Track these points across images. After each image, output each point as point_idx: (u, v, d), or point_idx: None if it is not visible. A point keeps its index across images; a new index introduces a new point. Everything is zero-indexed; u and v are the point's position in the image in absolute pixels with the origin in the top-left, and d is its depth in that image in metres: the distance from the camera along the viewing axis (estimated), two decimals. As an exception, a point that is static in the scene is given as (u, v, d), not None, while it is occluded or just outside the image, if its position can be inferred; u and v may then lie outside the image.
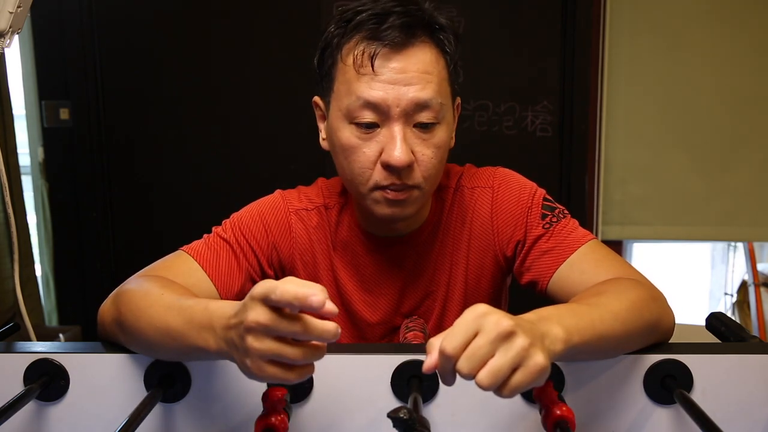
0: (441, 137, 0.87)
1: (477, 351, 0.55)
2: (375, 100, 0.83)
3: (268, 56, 2.41)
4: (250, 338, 0.57)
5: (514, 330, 0.56)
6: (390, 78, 0.82)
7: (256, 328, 0.56)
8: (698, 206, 2.43)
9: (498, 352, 0.55)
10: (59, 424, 0.77)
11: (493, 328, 0.56)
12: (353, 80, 0.84)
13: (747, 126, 2.37)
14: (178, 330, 0.67)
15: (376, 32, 0.83)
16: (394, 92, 0.82)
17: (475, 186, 0.99)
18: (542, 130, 2.41)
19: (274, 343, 0.57)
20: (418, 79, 0.83)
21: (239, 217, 0.98)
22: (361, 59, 0.83)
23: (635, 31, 2.36)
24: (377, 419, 0.75)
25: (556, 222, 0.94)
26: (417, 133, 0.85)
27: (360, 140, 0.86)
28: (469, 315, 0.57)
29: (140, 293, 0.76)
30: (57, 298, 2.55)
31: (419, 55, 0.84)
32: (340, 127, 0.87)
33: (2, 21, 0.87)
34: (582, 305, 0.71)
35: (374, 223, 0.97)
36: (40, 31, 2.42)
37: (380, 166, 0.85)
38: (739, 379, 0.75)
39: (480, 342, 0.56)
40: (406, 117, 0.84)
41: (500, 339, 0.56)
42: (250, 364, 0.58)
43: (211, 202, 2.44)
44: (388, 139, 0.84)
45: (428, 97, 0.83)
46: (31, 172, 2.49)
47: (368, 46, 0.83)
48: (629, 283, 0.80)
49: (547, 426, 0.64)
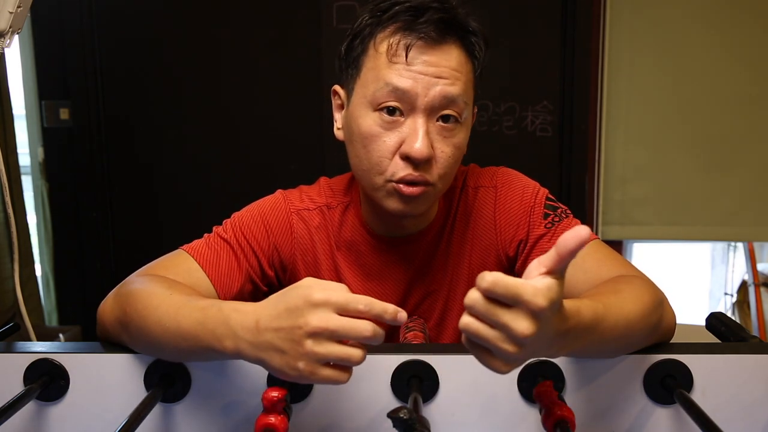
0: (461, 138, 0.88)
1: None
2: (404, 87, 0.83)
3: (269, 55, 2.41)
4: (309, 342, 0.59)
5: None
6: (421, 69, 0.83)
7: (323, 333, 0.58)
8: (698, 206, 2.43)
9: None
10: (59, 424, 0.77)
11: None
12: (383, 67, 0.85)
13: (747, 126, 2.37)
14: (189, 331, 0.67)
15: (413, 24, 0.83)
16: (424, 83, 0.83)
17: (478, 186, 1.00)
18: (542, 130, 2.41)
19: (338, 346, 0.59)
20: (449, 75, 0.84)
21: (240, 217, 0.98)
22: (396, 48, 0.84)
23: (635, 31, 2.36)
24: (377, 419, 0.75)
25: (559, 221, 0.94)
26: (439, 129, 0.86)
27: (381, 129, 0.85)
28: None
29: (146, 292, 0.76)
30: (57, 298, 2.55)
31: (452, 52, 0.85)
32: (363, 114, 0.87)
33: (2, 21, 0.87)
34: (593, 301, 0.68)
35: (381, 222, 0.97)
36: (40, 31, 2.42)
37: (398, 158, 0.85)
38: (739, 379, 0.75)
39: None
40: (431, 111, 0.84)
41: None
42: (303, 367, 0.59)
43: (212, 201, 2.44)
44: (411, 130, 0.84)
45: (456, 94, 0.84)
46: (31, 172, 2.49)
47: (404, 36, 0.84)
48: (635, 281, 0.79)
49: (547, 426, 0.64)
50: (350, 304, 0.60)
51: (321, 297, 0.59)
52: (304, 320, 0.59)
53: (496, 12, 2.34)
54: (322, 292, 0.60)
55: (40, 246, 2.50)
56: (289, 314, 0.60)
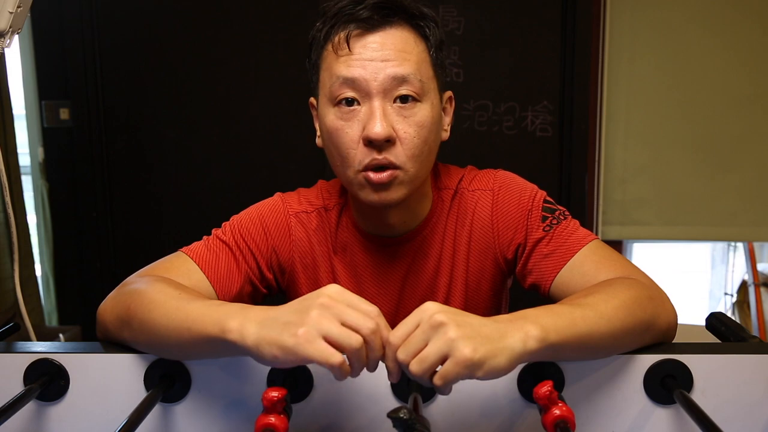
0: (423, 116, 0.87)
1: (412, 339, 0.61)
2: (354, 76, 0.84)
3: (268, 56, 2.41)
4: (315, 312, 0.60)
5: (444, 322, 0.60)
6: (367, 56, 0.84)
7: (331, 308, 0.61)
8: (698, 206, 2.43)
9: (429, 341, 0.60)
10: (59, 424, 0.77)
11: (426, 320, 0.61)
12: (333, 62, 0.86)
13: (747, 126, 2.37)
14: (196, 320, 0.67)
15: (352, 14, 0.85)
16: (372, 67, 0.84)
17: (475, 189, 0.99)
18: (542, 130, 2.41)
19: (339, 325, 0.60)
20: (395, 56, 0.85)
21: (239, 219, 0.98)
22: (338, 41, 0.86)
23: (635, 31, 2.36)
24: (377, 419, 0.75)
25: (557, 224, 0.93)
26: (397, 109, 0.86)
27: (343, 121, 0.86)
28: (416, 311, 0.63)
29: (153, 290, 0.76)
30: (57, 298, 2.55)
31: (396, 34, 0.86)
32: (326, 112, 0.88)
33: (2, 21, 0.87)
34: (565, 305, 0.72)
35: (369, 221, 0.97)
36: (40, 31, 2.42)
37: (362, 145, 0.86)
38: (739, 379, 0.75)
39: (416, 332, 0.61)
40: (385, 93, 0.85)
41: (431, 329, 0.60)
42: (301, 333, 0.59)
43: (212, 202, 2.44)
44: (368, 115, 0.85)
45: (406, 73, 0.84)
46: (31, 172, 2.50)
47: (344, 28, 0.85)
48: (624, 282, 0.80)
49: (546, 426, 0.64)
50: (362, 302, 0.62)
51: (338, 287, 0.63)
52: (315, 298, 0.62)
53: (496, 12, 2.35)
54: (338, 287, 0.63)
55: (40, 246, 2.50)
56: (304, 299, 0.63)
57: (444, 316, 0.61)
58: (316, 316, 0.60)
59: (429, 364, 0.60)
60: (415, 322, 0.62)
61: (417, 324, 0.62)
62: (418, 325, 0.61)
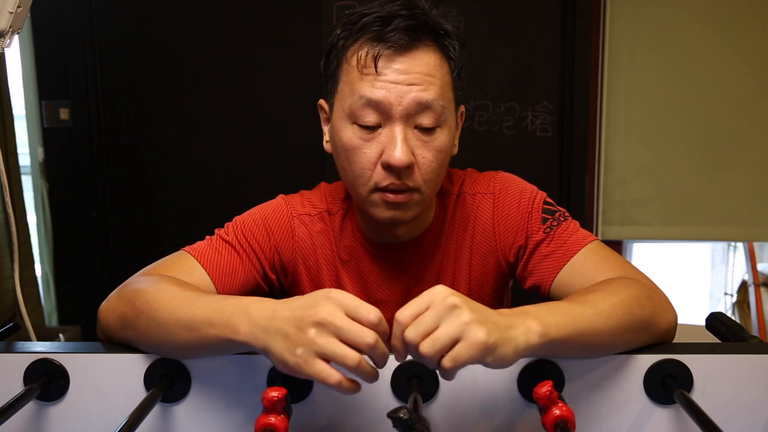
0: (442, 141, 0.87)
1: (422, 320, 0.61)
2: (377, 99, 0.83)
3: (269, 56, 2.41)
4: (313, 331, 0.60)
5: (458, 305, 0.61)
6: (393, 78, 0.83)
7: (328, 325, 0.60)
8: (698, 206, 2.43)
9: (442, 323, 0.60)
10: (59, 424, 0.77)
11: (439, 301, 0.61)
12: (356, 80, 0.85)
13: (747, 126, 2.37)
14: (204, 318, 0.68)
15: (381, 34, 0.83)
16: (397, 92, 0.83)
17: (476, 192, 1.00)
18: (542, 130, 2.41)
19: (337, 343, 0.60)
20: (421, 80, 0.84)
21: (242, 220, 0.98)
22: (365, 60, 0.84)
23: (635, 31, 2.36)
24: (377, 419, 0.75)
25: (557, 225, 0.94)
26: (418, 135, 0.86)
27: (361, 141, 0.86)
28: (425, 293, 0.63)
29: (157, 288, 0.76)
30: (57, 298, 2.55)
31: (423, 57, 0.84)
32: (343, 127, 0.87)
33: (2, 21, 0.87)
34: (565, 302, 0.73)
35: (376, 229, 0.97)
36: (40, 31, 2.42)
37: (380, 167, 0.86)
38: (739, 379, 0.75)
39: (427, 313, 0.61)
40: (408, 118, 0.84)
41: (445, 311, 0.61)
42: (300, 353, 0.60)
43: (212, 202, 2.44)
44: (389, 139, 0.84)
45: (430, 99, 0.84)
46: (31, 172, 2.50)
47: (372, 47, 0.84)
48: (624, 281, 0.80)
49: (546, 426, 0.64)
50: (362, 310, 0.62)
51: (337, 295, 0.63)
52: (314, 310, 0.61)
53: (496, 12, 2.35)
54: (340, 293, 0.63)
55: (40, 246, 2.50)
56: (305, 305, 0.63)
57: (458, 299, 0.61)
58: (314, 336, 0.60)
59: (441, 346, 0.59)
60: (426, 302, 0.62)
61: (427, 305, 0.62)
62: (428, 306, 0.61)
